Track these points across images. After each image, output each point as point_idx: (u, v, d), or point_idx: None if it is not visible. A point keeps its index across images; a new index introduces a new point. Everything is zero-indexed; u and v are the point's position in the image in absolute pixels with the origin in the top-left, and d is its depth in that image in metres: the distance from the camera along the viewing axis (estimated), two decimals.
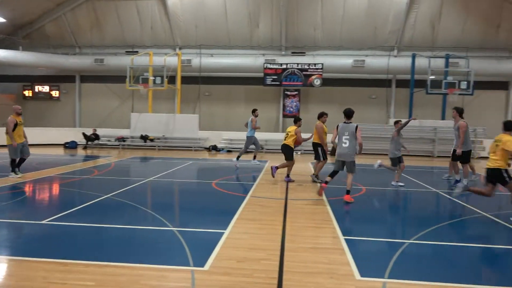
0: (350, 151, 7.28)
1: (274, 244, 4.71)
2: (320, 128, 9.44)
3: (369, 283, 3.69)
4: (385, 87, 20.90)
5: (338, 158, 7.49)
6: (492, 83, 20.34)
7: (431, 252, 4.76)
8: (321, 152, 9.55)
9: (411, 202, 8.12)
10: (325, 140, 9.57)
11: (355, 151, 7.31)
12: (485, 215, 6.64)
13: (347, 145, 7.28)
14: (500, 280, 3.86)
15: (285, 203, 7.09)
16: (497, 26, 19.36)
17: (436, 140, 18.29)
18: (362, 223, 6.18)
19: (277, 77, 20.03)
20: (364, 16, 19.44)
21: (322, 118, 9.63)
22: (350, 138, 7.26)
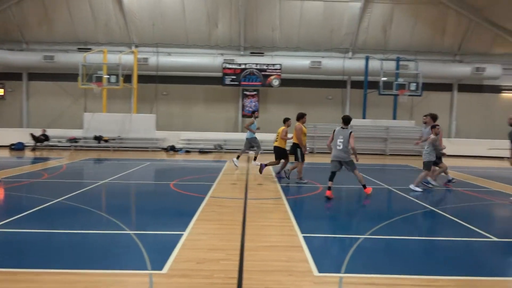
0: (345, 152, 7.90)
1: (233, 244, 4.72)
2: (299, 129, 9.48)
3: (326, 278, 3.79)
4: (340, 88, 21.58)
5: (334, 159, 8.10)
6: (439, 85, 21.61)
7: (384, 246, 4.98)
8: (299, 154, 9.60)
9: (366, 199, 8.43)
10: (304, 141, 9.59)
11: (349, 151, 7.93)
12: (433, 209, 7.05)
13: (341, 147, 7.90)
14: (449, 270, 4.11)
15: (245, 203, 7.12)
16: (443, 32, 20.60)
17: (388, 139, 19.13)
18: (319, 221, 6.34)
19: (236, 77, 20.06)
20: (320, 19, 19.94)
21: (302, 119, 9.63)
22: (344, 141, 7.88)
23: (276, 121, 21.24)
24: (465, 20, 20.11)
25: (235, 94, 21.57)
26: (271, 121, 21.38)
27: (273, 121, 21.37)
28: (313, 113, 21.39)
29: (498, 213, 7.37)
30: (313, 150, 19.06)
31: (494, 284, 3.78)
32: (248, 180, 9.91)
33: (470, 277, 3.90)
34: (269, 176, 10.71)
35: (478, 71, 20.38)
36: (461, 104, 21.83)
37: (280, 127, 10.46)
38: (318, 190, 8.81)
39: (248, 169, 12.33)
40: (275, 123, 21.22)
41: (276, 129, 21.00)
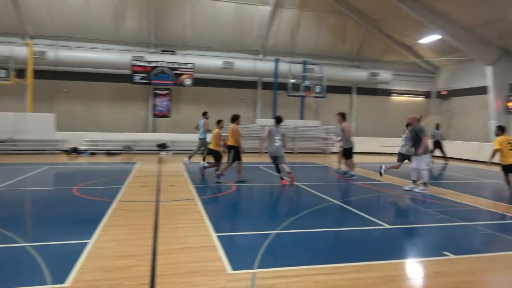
0: (281, 148, 9.57)
1: (145, 249, 4.56)
2: (235, 130, 9.60)
3: (240, 275, 3.88)
4: (252, 88, 22.11)
5: (273, 154, 9.61)
6: (340, 87, 23.43)
7: (294, 239, 5.26)
8: (232, 155, 9.64)
9: (277, 196, 8.80)
10: (240, 142, 9.72)
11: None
12: (336, 203, 7.64)
13: (278, 144, 9.52)
14: (350, 257, 4.49)
15: (156, 205, 6.91)
16: (343, 39, 22.37)
17: (296, 138, 20.17)
18: (233, 219, 6.45)
19: (146, 75, 19.30)
20: (232, 20, 20.19)
21: (237, 120, 9.81)
22: (281, 138, 9.52)
23: (189, 121, 20.99)
24: (362, 29, 22.11)
25: (145, 93, 20.73)
26: (184, 121, 21.08)
27: (185, 121, 21.08)
28: (226, 113, 21.49)
29: (389, 203, 8.27)
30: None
31: (388, 267, 4.24)
32: (159, 182, 9.63)
33: (368, 262, 4.33)
34: (181, 177, 10.54)
35: (373, 76, 22.57)
36: (359, 106, 23.95)
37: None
38: (232, 189, 8.93)
39: (160, 171, 11.97)
40: (188, 123, 20.94)
41: (189, 129, 20.71)
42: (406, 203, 7.99)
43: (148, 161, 14.93)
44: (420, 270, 4.31)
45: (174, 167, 13.13)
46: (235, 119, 9.79)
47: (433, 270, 4.24)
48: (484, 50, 19.04)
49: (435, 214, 6.95)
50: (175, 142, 18.71)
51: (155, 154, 17.78)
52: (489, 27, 17.79)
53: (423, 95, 25.17)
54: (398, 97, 24.89)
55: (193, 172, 11.08)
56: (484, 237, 5.63)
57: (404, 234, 5.72)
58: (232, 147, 9.65)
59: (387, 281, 3.83)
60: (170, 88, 20.36)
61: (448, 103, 24.17)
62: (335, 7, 20.71)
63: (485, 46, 19.03)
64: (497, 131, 9.30)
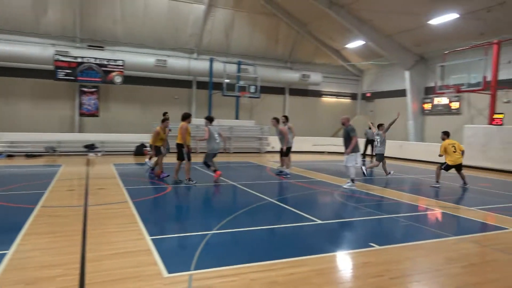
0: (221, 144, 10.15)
1: (72, 257, 4.27)
2: (184, 129, 9.42)
3: (176, 278, 3.80)
4: (187, 88, 21.75)
5: (215, 152, 10.05)
6: (274, 88, 23.99)
7: (231, 238, 5.29)
8: (187, 152, 9.54)
9: (213, 196, 8.77)
10: (188, 141, 9.62)
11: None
12: (271, 201, 7.81)
13: (219, 141, 9.98)
14: (285, 253, 4.62)
15: (85, 210, 6.51)
16: (276, 41, 22.94)
17: (232, 138, 20.25)
18: (168, 221, 6.29)
19: (72, 71, 18.05)
20: (165, 17, 19.68)
21: (188, 119, 9.63)
22: (219, 136, 9.99)
23: (119, 120, 20.10)
24: (294, 32, 22.86)
25: (71, 90, 19.37)
26: (114, 120, 20.09)
27: (115, 120, 20.12)
28: (160, 112, 20.95)
29: (321, 199, 8.66)
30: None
31: (320, 260, 4.43)
32: (88, 185, 9.08)
33: (302, 257, 4.49)
34: (111, 179, 10.05)
35: (304, 78, 23.46)
36: (292, 106, 24.72)
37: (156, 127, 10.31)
38: (166, 191, 8.72)
39: (88, 173, 11.29)
40: (118, 122, 20.05)
41: (119, 129, 19.90)
42: (337, 199, 8.43)
43: (75, 163, 14.01)
44: (349, 262, 4.58)
45: (103, 169, 12.47)
46: (186, 117, 9.65)
47: (361, 261, 4.52)
48: (403, 56, 20.77)
49: (362, 208, 7.43)
50: (104, 143, 17.76)
51: (83, 155, 16.74)
52: (406, 35, 19.44)
53: (350, 96, 26.72)
54: (327, 98, 26.14)
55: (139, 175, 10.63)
56: (404, 228, 6.13)
57: (334, 229, 6.03)
58: (181, 145, 9.56)
59: (319, 274, 4.01)
60: (98, 85, 19.28)
61: (372, 105, 25.95)
62: (268, 9, 21.17)
63: (403, 52, 20.76)
64: (443, 136, 10.39)
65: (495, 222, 6.56)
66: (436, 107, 20.75)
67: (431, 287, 3.82)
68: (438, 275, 4.11)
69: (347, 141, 9.58)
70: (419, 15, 17.00)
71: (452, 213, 7.30)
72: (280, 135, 11.42)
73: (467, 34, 17.12)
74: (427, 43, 19.45)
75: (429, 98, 21.08)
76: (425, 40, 19.22)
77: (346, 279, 4.02)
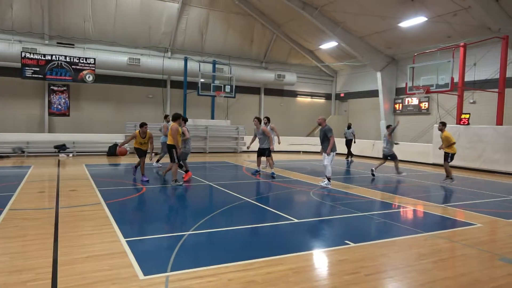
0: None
1: (44, 261, 4.14)
2: (175, 130, 9.23)
3: (152, 280, 3.75)
4: (161, 87, 21.45)
5: (190, 151, 10.54)
6: (249, 88, 24.03)
7: (208, 239, 5.26)
8: (174, 154, 9.35)
9: (189, 196, 8.69)
10: (179, 142, 9.51)
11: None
12: (248, 200, 7.83)
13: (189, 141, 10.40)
14: (262, 253, 4.65)
15: (56, 213, 6.32)
16: (251, 41, 22.98)
17: (207, 137, 20.14)
18: (144, 223, 6.19)
19: (40, 69, 17.44)
20: (137, 15, 19.33)
21: (178, 120, 9.48)
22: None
23: (91, 120, 19.59)
24: (269, 33, 22.98)
25: (39, 88, 18.71)
26: (85, 120, 19.57)
27: (87, 120, 19.60)
28: (135, 112, 20.63)
29: (297, 198, 8.75)
30: None
31: (297, 259, 4.48)
32: (59, 187, 8.81)
33: (279, 255, 4.53)
34: (84, 181, 9.79)
35: (279, 78, 23.62)
36: (267, 106, 24.83)
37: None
38: (141, 192, 8.58)
39: (59, 175, 10.96)
40: (90, 122, 19.54)
41: (91, 129, 19.46)
42: (313, 198, 8.53)
43: (45, 164, 13.56)
44: (325, 259, 4.65)
45: (75, 170, 12.13)
46: (176, 118, 9.51)
47: (336, 258, 4.61)
48: (375, 57, 21.27)
49: (338, 206, 7.56)
50: (75, 143, 17.28)
51: (53, 156, 16.22)
52: (378, 37, 19.92)
53: (324, 97, 27.12)
54: (302, 98, 26.42)
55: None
56: (378, 225, 6.29)
57: (311, 227, 6.10)
58: (171, 146, 9.41)
59: (296, 272, 4.05)
60: (68, 84, 18.72)
61: (346, 105, 26.43)
62: (243, 9, 21.18)
63: (375, 54, 21.26)
64: (442, 126, 10.85)
65: (463, 218, 6.83)
66: (407, 107, 21.37)
67: (404, 282, 3.93)
68: (410, 270, 4.24)
69: (325, 141, 9.73)
70: (390, 18, 17.47)
71: (423, 210, 7.55)
72: (262, 135, 11.41)
73: (435, 37, 17.73)
74: (398, 45, 19.99)
75: (400, 99, 21.68)
76: (396, 42, 19.76)
77: (322, 276, 4.09)
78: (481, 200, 8.76)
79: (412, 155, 17.48)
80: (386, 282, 3.96)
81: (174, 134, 9.26)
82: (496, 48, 15.55)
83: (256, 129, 11.64)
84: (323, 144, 9.85)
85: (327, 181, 9.77)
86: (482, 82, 16.96)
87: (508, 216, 7.11)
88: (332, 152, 9.72)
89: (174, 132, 9.26)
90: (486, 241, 5.52)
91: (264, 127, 11.61)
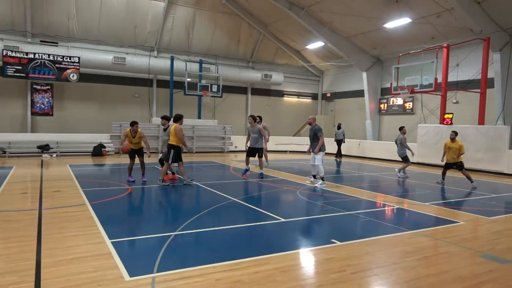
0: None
1: (27, 264, 4.06)
2: (179, 130, 9.33)
3: (138, 281, 3.71)
4: (147, 86, 21.24)
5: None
6: (236, 88, 24.01)
7: (194, 239, 5.24)
8: (173, 155, 9.38)
9: (176, 196, 8.63)
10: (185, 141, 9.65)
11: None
12: (235, 200, 7.82)
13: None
14: (249, 252, 4.65)
15: (40, 214, 6.20)
16: (238, 41, 22.95)
17: (194, 137, 20.04)
18: (129, 224, 6.13)
19: (22, 68, 17.09)
20: (123, 12, 19.10)
21: (180, 120, 9.63)
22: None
23: (76, 119, 19.28)
24: (256, 32, 22.98)
25: (21, 87, 18.32)
26: (70, 119, 19.27)
27: (71, 119, 19.30)
28: (120, 111, 20.39)
29: (284, 198, 8.77)
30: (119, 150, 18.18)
31: (283, 258, 4.50)
32: (42, 188, 8.66)
33: (266, 255, 4.54)
34: (68, 182, 9.64)
35: (266, 78, 23.66)
36: (254, 105, 24.84)
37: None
38: (127, 192, 8.49)
39: (42, 175, 10.76)
40: (75, 122, 19.23)
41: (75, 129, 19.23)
42: (300, 197, 8.57)
43: (28, 164, 13.31)
44: (312, 258, 4.68)
45: (59, 171, 11.93)
46: (178, 119, 9.61)
47: (323, 257, 4.64)
48: (360, 57, 21.49)
49: (325, 206, 7.62)
50: (59, 143, 16.99)
51: (37, 156, 15.92)
52: (364, 37, 20.13)
53: (311, 96, 27.27)
54: (289, 98, 26.51)
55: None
56: (364, 224, 6.36)
57: (297, 226, 6.14)
58: (174, 146, 9.40)
59: (283, 272, 4.07)
60: (52, 83, 18.39)
61: (332, 104, 26.63)
62: (229, 8, 21.14)
63: (361, 54, 21.48)
64: (454, 136, 10.72)
65: (447, 216, 6.96)
66: (392, 107, 21.65)
67: (389, 280, 3.99)
68: (395, 268, 4.30)
69: (315, 140, 9.79)
70: (375, 19, 17.66)
71: (408, 208, 7.66)
72: (257, 134, 11.25)
73: (419, 37, 18.00)
74: (383, 46, 20.23)
75: (385, 99, 21.95)
76: (381, 43, 20.00)
77: (309, 275, 4.11)
78: (464, 198, 8.94)
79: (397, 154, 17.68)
80: (372, 280, 4.01)
81: (180, 134, 9.37)
82: (478, 49, 15.88)
83: (250, 127, 11.38)
84: (313, 144, 9.91)
85: (321, 181, 9.84)
86: (464, 83, 17.30)
87: (490, 213, 7.28)
88: (321, 151, 9.78)
89: (179, 132, 9.36)
90: (469, 238, 5.64)
91: (260, 126, 11.42)
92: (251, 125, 11.35)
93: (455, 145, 10.60)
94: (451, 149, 10.64)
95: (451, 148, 10.66)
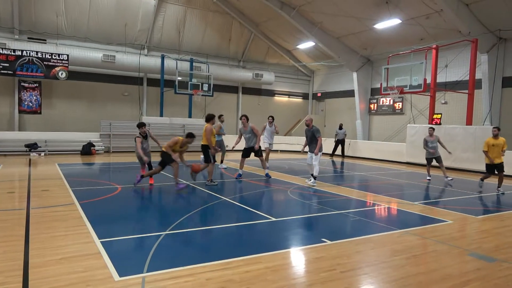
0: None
1: (15, 264, 4.00)
2: (209, 130, 9.29)
3: (128, 281, 3.69)
4: (137, 85, 21.07)
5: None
6: (227, 87, 23.97)
7: (185, 238, 5.22)
8: (209, 154, 9.39)
9: (165, 196, 8.59)
10: (214, 142, 9.58)
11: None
12: (226, 200, 7.81)
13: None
14: (240, 252, 4.65)
15: (27, 213, 6.12)
16: (229, 40, 22.90)
17: None
18: (119, 223, 6.07)
19: (10, 65, 16.80)
20: (113, 10, 18.92)
21: (211, 120, 9.54)
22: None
23: (64, 118, 19.05)
24: (247, 32, 22.96)
25: (9, 85, 18.03)
26: (58, 118, 19.02)
27: (60, 118, 19.07)
28: (109, 109, 20.21)
29: (275, 197, 8.79)
30: (109, 149, 18.03)
31: (274, 257, 4.51)
32: (30, 187, 8.54)
33: (257, 254, 4.54)
34: (57, 181, 9.52)
35: (257, 77, 23.66)
36: (245, 105, 24.83)
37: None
38: (116, 191, 8.42)
39: (30, 174, 10.61)
40: (63, 120, 19.00)
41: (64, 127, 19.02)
42: (291, 197, 8.60)
43: (15, 163, 13.11)
44: (302, 257, 4.70)
45: (47, 170, 11.77)
46: (210, 119, 9.57)
47: (313, 256, 4.66)
48: (351, 58, 21.62)
49: (315, 205, 7.65)
50: (48, 142, 16.76)
51: (24, 155, 15.69)
52: (354, 38, 20.25)
53: (301, 96, 27.35)
54: (280, 98, 26.56)
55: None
56: (354, 223, 6.41)
57: (288, 225, 6.15)
58: (206, 146, 9.41)
59: (274, 271, 4.08)
60: (40, 81, 18.14)
61: (323, 104, 26.75)
62: (220, 7, 21.08)
63: (351, 54, 21.60)
64: (498, 131, 9.61)
65: (435, 215, 7.05)
66: (382, 107, 21.83)
67: (378, 278, 4.02)
68: (384, 266, 4.34)
69: (313, 141, 9.83)
70: (366, 19, 17.79)
71: (397, 207, 7.74)
72: (250, 134, 11.08)
73: (409, 39, 18.19)
74: (373, 46, 20.39)
75: (375, 99, 22.12)
76: (371, 44, 20.14)
77: (299, 274, 4.13)
78: (452, 198, 9.06)
79: (387, 154, 17.89)
80: (362, 279, 4.04)
81: (209, 134, 9.37)
82: (466, 50, 16.10)
83: (243, 128, 11.16)
84: (311, 145, 9.95)
85: (313, 179, 9.89)
86: (453, 84, 17.53)
87: (478, 213, 7.39)
88: (319, 152, 9.84)
89: (209, 132, 9.37)
90: (457, 237, 5.72)
91: (253, 125, 11.16)
92: (244, 125, 11.16)
93: (499, 142, 9.47)
94: (496, 147, 9.46)
95: (495, 145, 9.46)
